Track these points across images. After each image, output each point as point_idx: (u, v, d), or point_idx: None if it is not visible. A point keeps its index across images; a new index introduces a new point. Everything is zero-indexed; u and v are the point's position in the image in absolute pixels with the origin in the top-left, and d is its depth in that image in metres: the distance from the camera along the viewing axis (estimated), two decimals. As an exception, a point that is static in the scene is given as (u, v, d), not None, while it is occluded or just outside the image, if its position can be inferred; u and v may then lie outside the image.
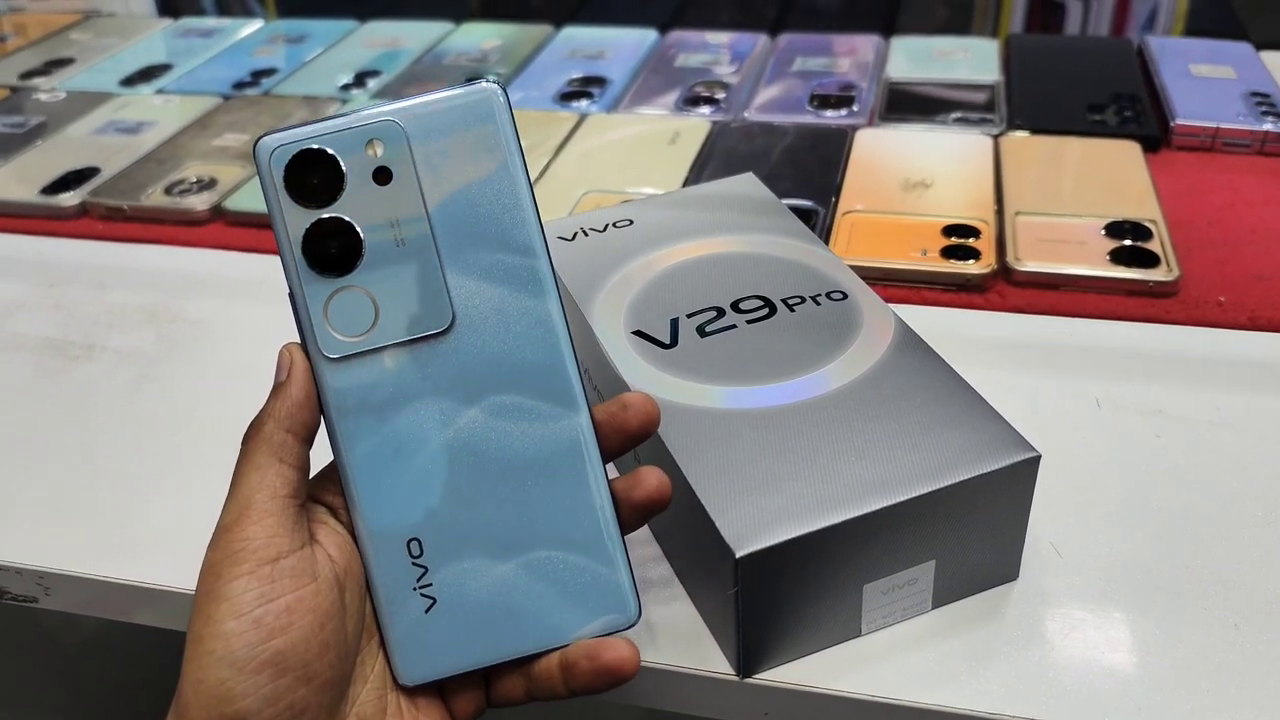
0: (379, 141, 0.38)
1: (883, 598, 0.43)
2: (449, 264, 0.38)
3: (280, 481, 0.37)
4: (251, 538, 0.36)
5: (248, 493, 0.37)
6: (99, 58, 1.07)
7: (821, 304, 0.50)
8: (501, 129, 0.39)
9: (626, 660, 0.38)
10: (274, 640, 0.34)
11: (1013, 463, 0.41)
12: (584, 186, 0.77)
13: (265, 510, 0.36)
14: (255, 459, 0.37)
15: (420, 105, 0.38)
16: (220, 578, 0.35)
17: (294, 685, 0.35)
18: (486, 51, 1.03)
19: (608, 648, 0.38)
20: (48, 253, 0.76)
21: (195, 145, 0.87)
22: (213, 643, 0.34)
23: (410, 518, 0.38)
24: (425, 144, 0.38)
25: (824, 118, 0.86)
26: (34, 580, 0.50)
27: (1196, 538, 0.47)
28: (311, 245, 0.38)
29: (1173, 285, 0.63)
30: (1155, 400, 0.55)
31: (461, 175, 0.38)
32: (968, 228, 0.69)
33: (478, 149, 0.38)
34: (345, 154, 0.38)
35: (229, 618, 0.34)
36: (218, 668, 0.34)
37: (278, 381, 0.38)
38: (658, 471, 0.40)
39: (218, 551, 0.36)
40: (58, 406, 0.60)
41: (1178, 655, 0.42)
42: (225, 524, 0.36)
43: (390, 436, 0.38)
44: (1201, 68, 0.89)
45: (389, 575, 0.38)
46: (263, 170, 0.37)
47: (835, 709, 0.42)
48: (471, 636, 0.39)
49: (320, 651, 0.35)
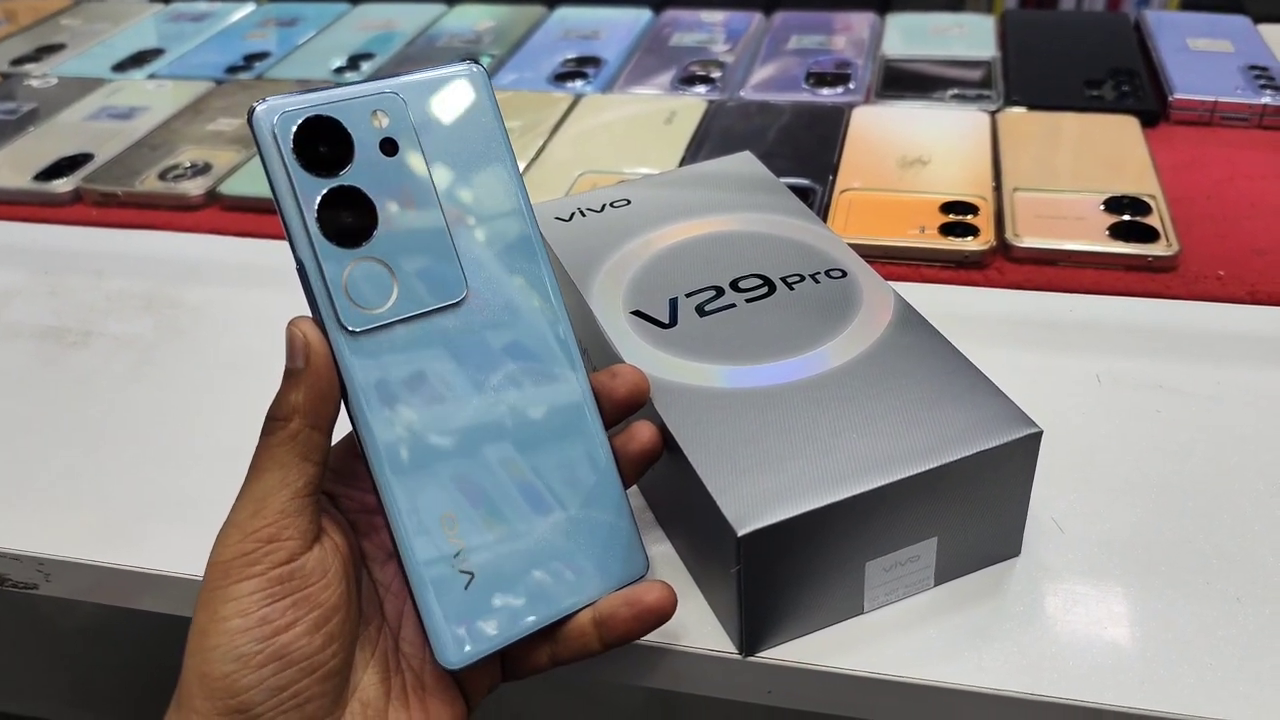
0: (383, 112, 0.38)
1: (885, 575, 0.43)
2: (456, 235, 0.39)
3: (303, 481, 0.36)
4: (267, 539, 0.35)
5: (266, 491, 0.36)
6: (90, 43, 1.06)
7: (821, 282, 0.49)
8: (488, 107, 0.39)
9: (664, 600, 0.39)
10: (280, 636, 0.34)
11: (1015, 438, 0.41)
12: (580, 167, 0.77)
13: (283, 510, 0.36)
14: (279, 456, 0.36)
15: (414, 82, 0.38)
16: (229, 577, 0.35)
17: (298, 677, 0.35)
18: (480, 33, 1.02)
19: (646, 591, 0.39)
20: (42, 240, 0.76)
21: (189, 130, 0.86)
22: (218, 637, 0.34)
23: (444, 493, 0.38)
24: (424, 118, 0.38)
25: (820, 96, 0.85)
26: (34, 567, 0.50)
27: (1197, 512, 0.47)
28: (326, 215, 0.37)
29: (1172, 260, 0.63)
30: (1155, 375, 0.55)
31: (457, 149, 0.39)
32: (966, 204, 0.68)
33: (469, 125, 0.39)
34: (354, 123, 0.37)
35: (235, 615, 0.34)
36: (222, 662, 0.34)
37: (295, 366, 0.36)
38: (650, 425, 0.40)
39: (228, 549, 0.35)
40: (55, 394, 0.60)
41: (1179, 629, 0.42)
42: (238, 520, 0.36)
43: (414, 411, 0.38)
44: (1199, 41, 0.89)
45: (427, 555, 0.37)
46: (264, 139, 0.36)
47: (838, 686, 0.42)
48: (508, 608, 0.38)
49: (325, 643, 0.36)
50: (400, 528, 0.37)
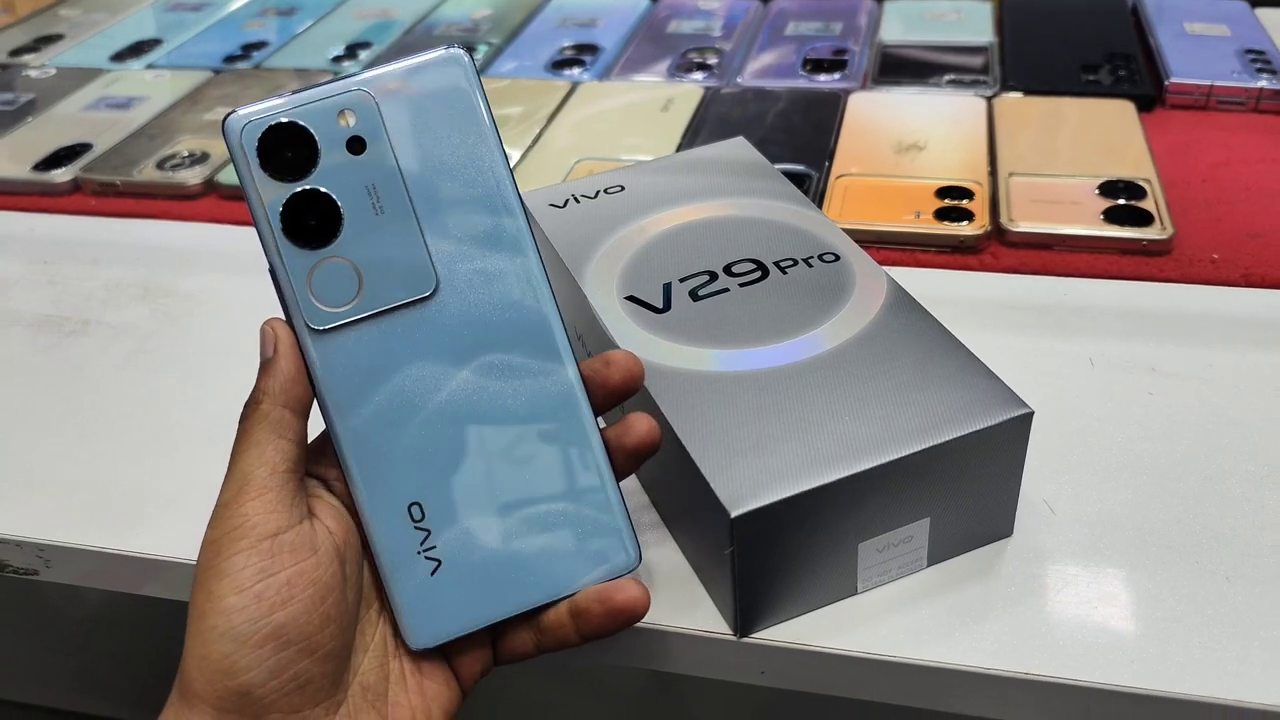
0: (350, 111, 0.38)
1: (878, 555, 0.43)
2: (429, 228, 0.39)
3: (280, 457, 0.37)
4: (250, 514, 0.36)
5: (246, 469, 0.37)
6: (89, 34, 1.06)
7: (814, 266, 0.50)
8: (470, 92, 0.39)
9: (637, 600, 0.39)
10: (276, 614, 0.35)
11: (1006, 419, 0.42)
12: (577, 155, 0.77)
13: (264, 486, 0.36)
14: (253, 435, 0.37)
15: (389, 74, 0.39)
16: (220, 554, 0.35)
17: (297, 657, 0.35)
18: (477, 21, 1.02)
19: (618, 590, 0.39)
20: (41, 229, 0.76)
21: (187, 120, 0.86)
22: (215, 618, 0.34)
23: (409, 482, 0.39)
24: (396, 111, 0.38)
25: (817, 82, 0.85)
26: (34, 553, 0.50)
27: (1188, 493, 0.47)
28: (290, 218, 0.38)
29: (1166, 244, 0.63)
30: (1148, 358, 0.55)
31: (434, 139, 0.39)
32: (961, 189, 0.69)
33: (448, 112, 0.39)
34: (317, 125, 0.38)
35: (230, 593, 0.34)
36: (221, 642, 0.34)
37: (265, 357, 0.38)
38: (646, 417, 0.40)
39: (217, 529, 0.36)
40: (53, 382, 0.61)
41: (1170, 608, 0.43)
42: (224, 501, 0.36)
43: (382, 403, 0.38)
44: (1196, 26, 0.89)
45: (391, 542, 0.38)
46: (234, 147, 0.37)
47: (832, 667, 0.43)
48: (478, 595, 0.39)
49: (322, 623, 0.36)
50: (365, 516, 0.38)
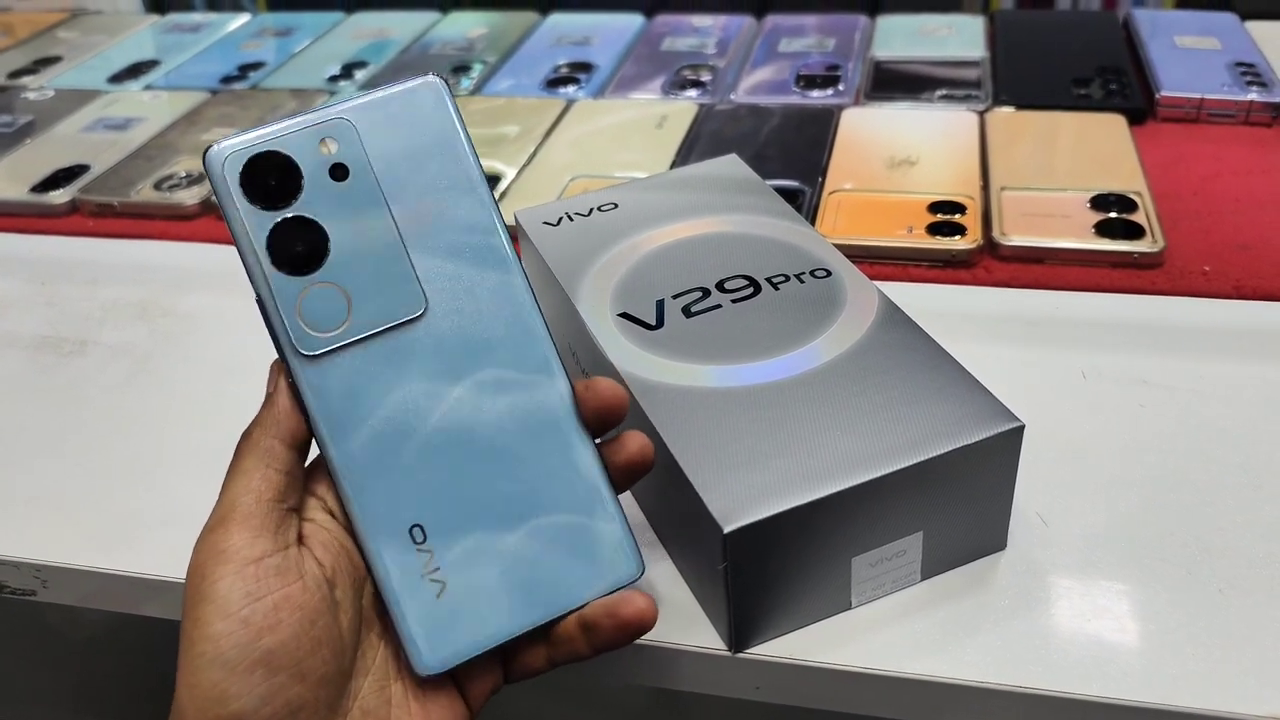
0: (332, 139, 0.38)
1: (871, 570, 0.43)
2: (415, 251, 0.39)
3: (265, 485, 0.37)
4: (235, 537, 0.36)
5: (233, 497, 0.37)
6: (87, 55, 1.07)
7: (806, 282, 0.50)
8: (448, 117, 0.40)
9: (645, 613, 0.39)
10: (263, 639, 0.34)
11: (997, 433, 0.42)
12: (572, 172, 0.77)
13: (249, 513, 0.36)
14: (242, 464, 0.38)
15: (368, 102, 0.39)
16: (205, 579, 0.35)
17: (288, 683, 0.35)
18: (473, 40, 1.03)
19: (625, 603, 0.39)
20: (39, 250, 0.76)
21: (184, 140, 0.87)
22: (203, 645, 0.34)
23: (408, 505, 0.39)
24: (377, 138, 0.39)
25: (810, 98, 0.86)
26: (32, 574, 0.51)
27: (1181, 505, 0.48)
28: (276, 246, 0.38)
29: (1157, 256, 0.63)
30: (1140, 370, 0.55)
31: (415, 164, 0.39)
32: (953, 204, 0.69)
33: (428, 138, 0.39)
34: (300, 154, 0.38)
35: (217, 619, 0.34)
36: (209, 670, 0.34)
37: (268, 393, 0.39)
38: (640, 435, 0.40)
39: (202, 554, 0.36)
40: (52, 402, 0.61)
41: (1163, 621, 0.43)
42: (209, 526, 0.37)
43: (377, 426, 0.38)
44: (1186, 39, 0.89)
45: (394, 566, 0.38)
46: (216, 178, 0.38)
47: (826, 681, 0.43)
48: (485, 615, 0.39)
49: (312, 648, 0.36)
50: (364, 541, 0.38)
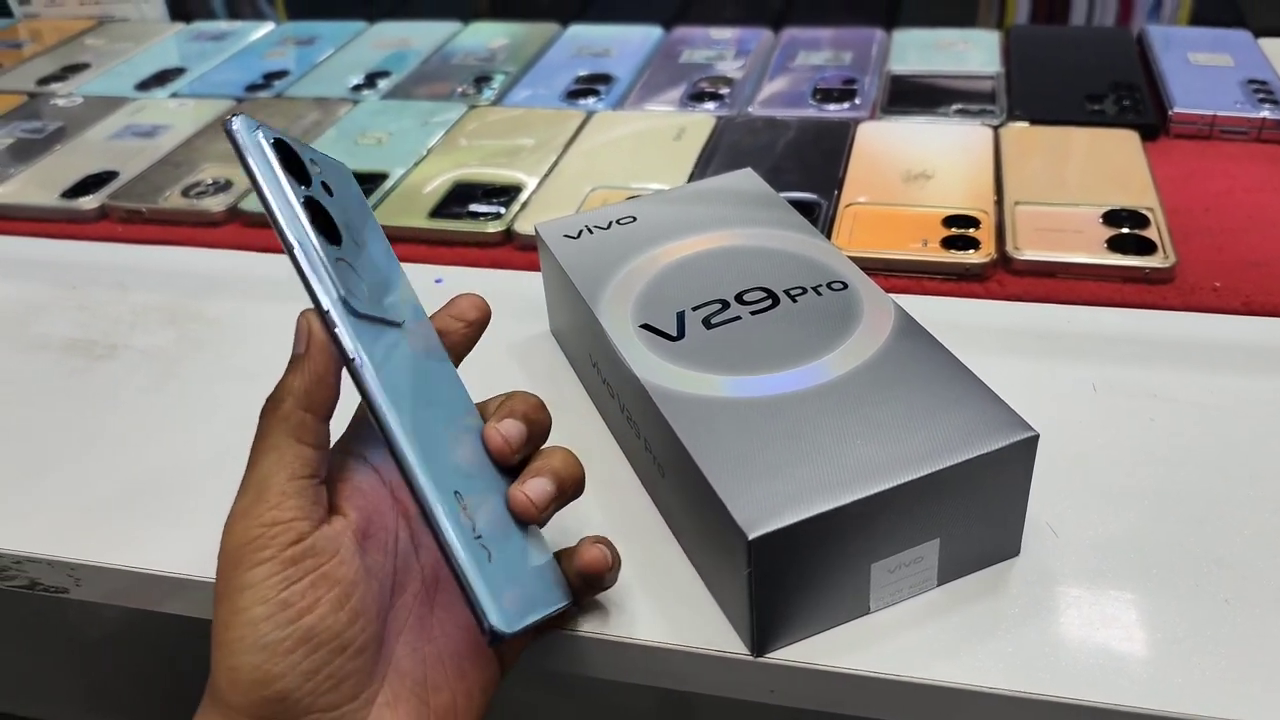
0: (315, 163, 0.41)
1: (890, 576, 0.44)
2: (385, 273, 0.42)
3: (300, 463, 0.36)
4: (271, 523, 0.35)
5: (265, 475, 0.36)
6: (114, 63, 1.09)
7: (823, 294, 0.51)
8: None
9: (598, 560, 0.40)
10: (303, 618, 0.34)
11: (1012, 442, 0.43)
12: (591, 183, 0.78)
13: (283, 493, 0.36)
14: (272, 439, 0.37)
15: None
16: (241, 564, 0.35)
17: (329, 657, 0.35)
18: (494, 50, 1.04)
19: (578, 554, 0.40)
20: (69, 255, 0.78)
21: (210, 148, 0.88)
22: (241, 629, 0.34)
23: (449, 471, 0.38)
24: (331, 180, 0.42)
25: (826, 111, 0.87)
26: (65, 572, 0.52)
27: (1190, 517, 0.48)
28: (311, 212, 0.39)
29: (1169, 272, 0.64)
30: (1150, 384, 0.56)
31: (355, 210, 0.43)
32: (968, 218, 0.70)
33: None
34: (303, 156, 0.40)
35: (255, 604, 0.34)
36: (250, 653, 0.34)
37: (296, 352, 0.37)
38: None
39: (235, 537, 0.35)
40: (83, 405, 0.62)
41: (1171, 630, 0.43)
42: (241, 508, 0.36)
43: (412, 395, 0.39)
44: (1200, 56, 0.90)
45: (459, 530, 0.37)
46: (248, 143, 0.38)
47: (843, 685, 0.43)
48: (528, 584, 0.39)
49: (350, 619, 0.35)
50: (430, 504, 0.37)
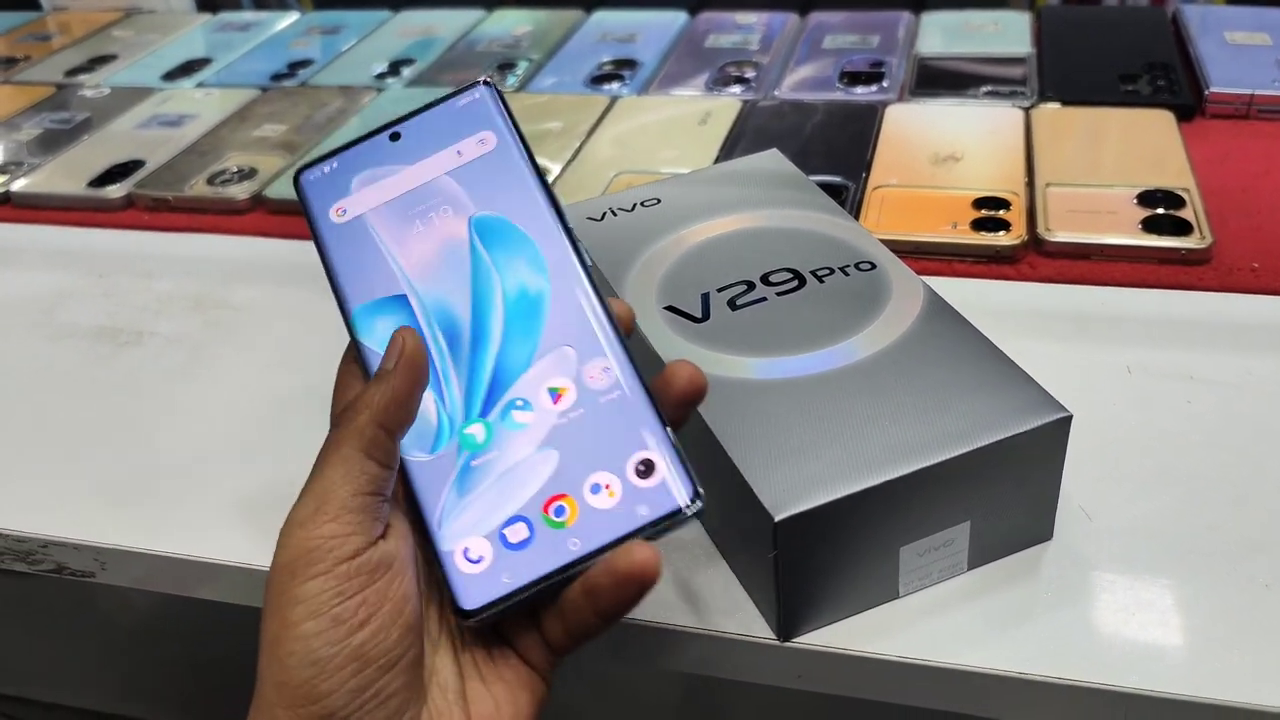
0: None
1: (919, 560, 0.43)
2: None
3: (366, 479, 0.35)
4: (329, 535, 0.34)
5: (329, 486, 0.35)
6: (141, 54, 1.09)
7: (850, 275, 0.50)
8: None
9: (645, 564, 0.34)
10: (355, 635, 0.34)
11: (1045, 423, 0.42)
12: (616, 168, 0.78)
13: (345, 506, 0.35)
14: (343, 450, 0.35)
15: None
16: (295, 577, 0.34)
17: (378, 674, 0.34)
18: (518, 37, 1.03)
19: (621, 555, 0.35)
20: (96, 243, 0.78)
21: (235, 136, 0.88)
22: (292, 644, 0.33)
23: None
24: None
25: (854, 95, 0.86)
26: (92, 556, 0.52)
27: (1225, 500, 0.47)
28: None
29: (1205, 253, 0.63)
30: (1186, 366, 0.55)
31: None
32: (998, 200, 0.69)
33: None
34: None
35: (307, 618, 0.33)
36: (301, 669, 0.33)
37: (385, 367, 0.36)
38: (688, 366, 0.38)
39: (291, 550, 0.34)
40: (109, 390, 0.62)
41: (1207, 615, 0.43)
42: (300, 519, 0.35)
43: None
44: (1237, 35, 0.88)
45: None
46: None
47: (871, 672, 0.43)
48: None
49: (401, 636, 0.35)
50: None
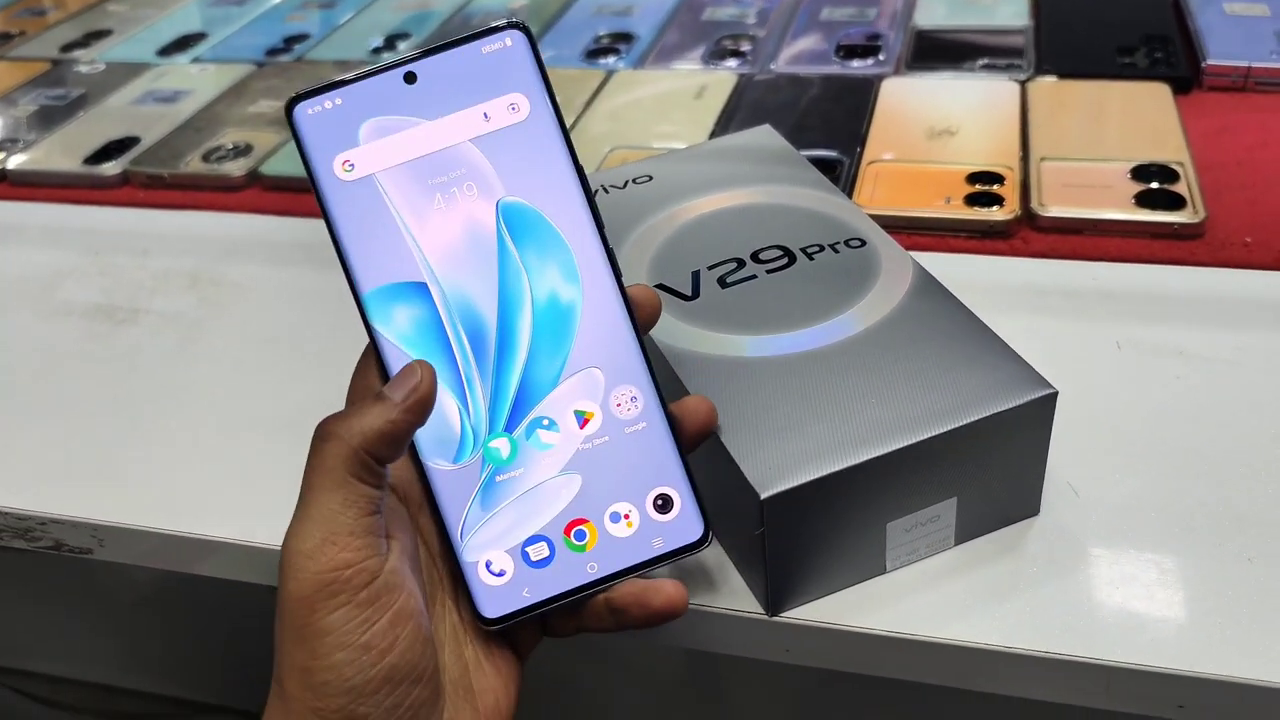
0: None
1: (906, 535, 0.44)
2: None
3: (365, 500, 0.35)
4: (343, 565, 0.34)
5: (330, 514, 0.35)
6: (136, 29, 1.09)
7: (840, 251, 0.50)
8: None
9: (675, 601, 0.39)
10: (386, 659, 0.35)
11: (1030, 399, 0.42)
12: (611, 143, 0.78)
13: (353, 532, 0.35)
14: (336, 474, 0.35)
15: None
16: (316, 610, 0.34)
17: (410, 690, 0.35)
18: (514, 10, 1.03)
19: (655, 592, 0.39)
20: (92, 221, 0.78)
21: (231, 113, 0.88)
22: (325, 674, 0.34)
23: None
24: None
25: (850, 68, 0.86)
26: (89, 533, 0.52)
27: (1212, 475, 0.48)
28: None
29: (1198, 227, 0.63)
30: (1176, 341, 0.55)
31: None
32: (992, 174, 0.69)
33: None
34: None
35: (336, 650, 0.34)
36: (337, 697, 0.34)
37: (390, 397, 0.36)
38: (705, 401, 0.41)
39: (305, 583, 0.34)
40: (105, 368, 0.63)
41: (1192, 589, 0.43)
42: (307, 549, 0.34)
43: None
44: (1236, 6, 0.88)
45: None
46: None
47: (859, 645, 0.43)
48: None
49: (423, 649, 0.36)
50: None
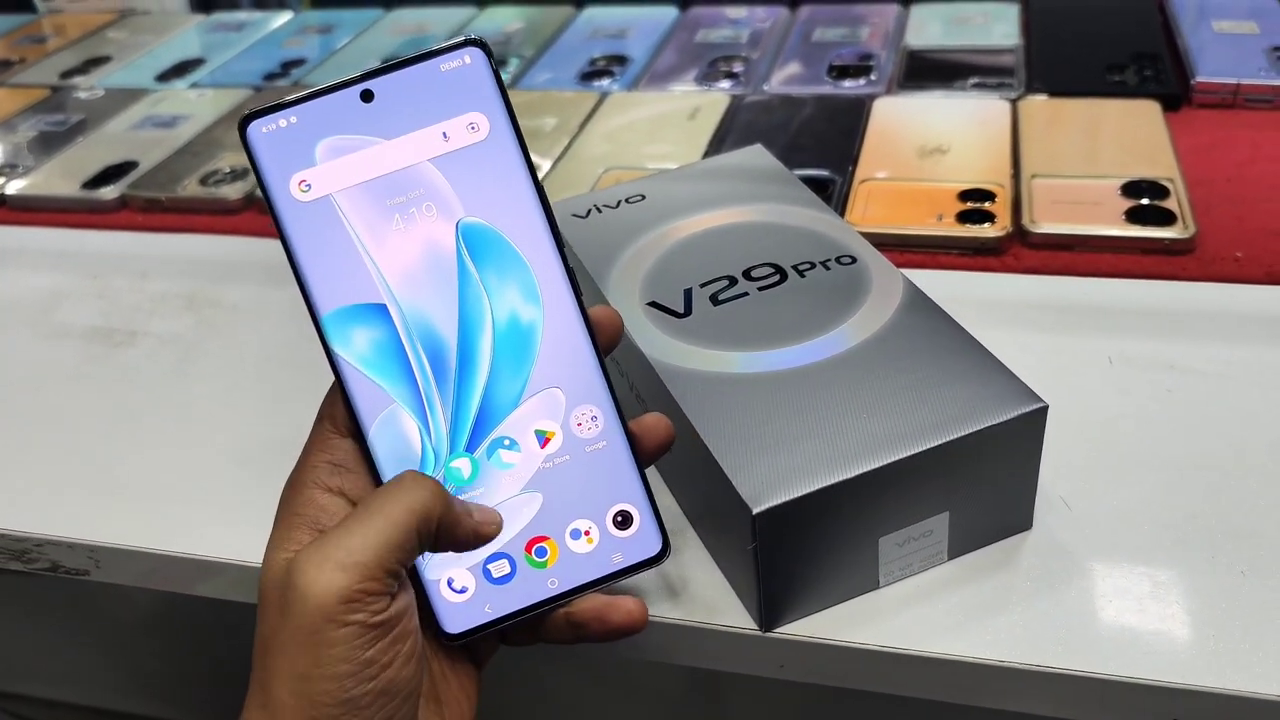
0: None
1: (898, 550, 0.44)
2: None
3: (407, 555, 0.36)
4: (367, 593, 0.35)
5: (379, 545, 0.36)
6: (135, 55, 1.09)
7: (831, 269, 0.51)
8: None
9: (634, 616, 0.40)
10: (384, 674, 0.35)
11: (1020, 414, 0.42)
12: (605, 164, 0.78)
13: (387, 571, 0.36)
14: (401, 525, 0.36)
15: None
16: (331, 621, 0.35)
17: (400, 704, 0.36)
18: (510, 34, 1.04)
19: (613, 609, 0.40)
20: (90, 245, 0.78)
21: (228, 137, 0.89)
22: (325, 683, 0.35)
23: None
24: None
25: (842, 88, 0.86)
26: (85, 554, 0.53)
27: (1205, 488, 0.48)
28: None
29: (1188, 242, 0.63)
30: (1167, 356, 0.55)
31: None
32: (983, 192, 0.69)
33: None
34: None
35: (340, 662, 0.35)
36: (332, 707, 0.35)
37: (478, 518, 0.39)
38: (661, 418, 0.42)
39: (333, 592, 0.35)
40: (103, 390, 0.63)
41: (1186, 602, 0.43)
42: (344, 562, 0.35)
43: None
44: (1224, 23, 0.89)
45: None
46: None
47: (853, 660, 0.43)
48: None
49: (416, 668, 0.37)
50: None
